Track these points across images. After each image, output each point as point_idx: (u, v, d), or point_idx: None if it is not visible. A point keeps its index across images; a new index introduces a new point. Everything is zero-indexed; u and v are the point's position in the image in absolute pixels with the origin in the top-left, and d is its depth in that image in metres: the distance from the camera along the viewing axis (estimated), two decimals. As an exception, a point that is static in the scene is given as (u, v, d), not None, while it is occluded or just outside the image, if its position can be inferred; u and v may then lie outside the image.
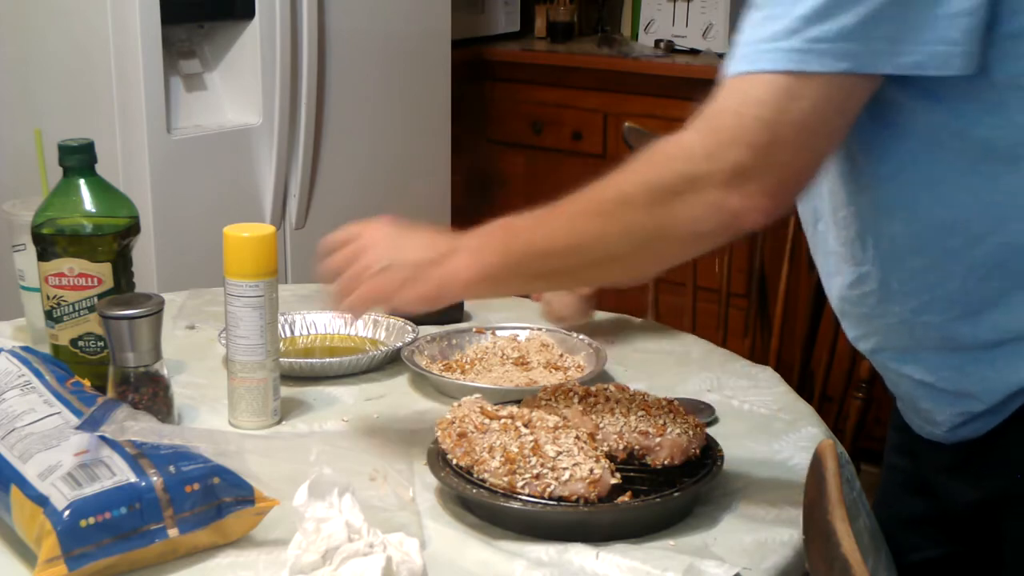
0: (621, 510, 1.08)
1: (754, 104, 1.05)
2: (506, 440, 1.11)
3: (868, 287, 1.20)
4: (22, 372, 1.20)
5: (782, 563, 1.07)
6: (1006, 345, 1.14)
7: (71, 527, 0.99)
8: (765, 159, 1.05)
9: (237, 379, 1.33)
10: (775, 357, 1.86)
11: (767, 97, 1.04)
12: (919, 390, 1.24)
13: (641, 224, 1.09)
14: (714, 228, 1.08)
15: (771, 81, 1.04)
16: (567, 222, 1.13)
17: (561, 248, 1.13)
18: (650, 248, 1.11)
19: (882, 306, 1.20)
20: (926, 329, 1.18)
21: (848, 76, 1.04)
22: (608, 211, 1.11)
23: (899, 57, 1.02)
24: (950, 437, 1.23)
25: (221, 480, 1.05)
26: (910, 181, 1.11)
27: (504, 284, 1.19)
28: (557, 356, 1.51)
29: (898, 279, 1.17)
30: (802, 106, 1.04)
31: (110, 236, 1.36)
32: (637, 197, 1.09)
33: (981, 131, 1.07)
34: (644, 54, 3.33)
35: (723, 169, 1.05)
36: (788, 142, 1.05)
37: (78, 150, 1.36)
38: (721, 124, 1.07)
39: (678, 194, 1.07)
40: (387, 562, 0.96)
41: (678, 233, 1.09)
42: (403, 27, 2.91)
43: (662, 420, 1.16)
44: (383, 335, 1.60)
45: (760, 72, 1.05)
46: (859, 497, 1.20)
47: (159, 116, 2.42)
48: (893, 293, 1.18)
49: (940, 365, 1.19)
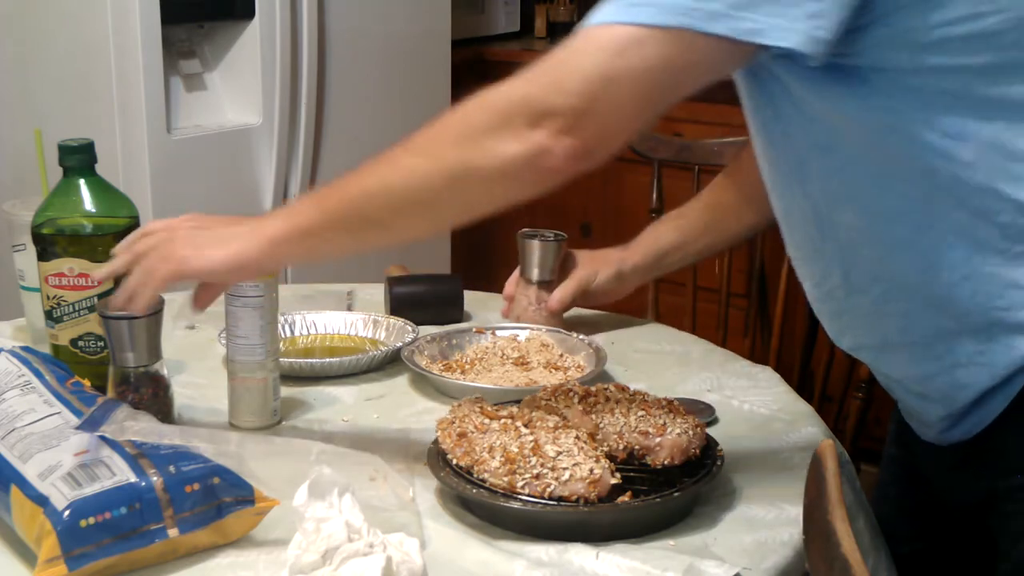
0: (621, 510, 1.08)
1: (593, 51, 1.05)
2: (506, 440, 1.11)
3: (832, 283, 1.21)
4: (22, 372, 1.20)
5: (782, 563, 1.07)
6: (964, 337, 1.13)
7: (71, 527, 0.99)
8: (590, 103, 1.05)
9: (237, 379, 1.33)
10: (775, 357, 1.86)
11: (607, 45, 1.04)
12: (903, 391, 1.25)
13: (449, 159, 1.09)
14: (520, 167, 1.07)
15: (613, 32, 1.04)
16: (381, 165, 1.13)
17: (371, 190, 1.12)
18: (456, 187, 1.10)
19: (849, 299, 1.20)
20: (891, 322, 1.18)
21: (686, 33, 1.02)
22: (419, 148, 1.11)
23: (737, 22, 1.02)
24: (942, 439, 1.23)
25: (221, 480, 1.05)
26: (855, 173, 1.12)
27: (317, 238, 1.16)
28: (557, 356, 1.51)
29: (857, 270, 1.17)
30: (642, 56, 1.03)
31: (110, 236, 1.36)
32: (449, 132, 1.10)
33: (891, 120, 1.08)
34: (644, 54, 3.33)
35: (541, 109, 1.05)
36: (617, 92, 1.05)
37: (78, 150, 1.36)
38: (552, 67, 1.07)
39: (490, 129, 1.07)
40: (387, 562, 0.96)
41: (483, 169, 1.08)
42: (403, 27, 2.91)
43: (662, 420, 1.16)
44: (383, 335, 1.60)
45: (603, 24, 1.05)
46: (859, 497, 1.20)
47: (159, 116, 2.42)
48: (855, 285, 1.19)
49: (910, 365, 1.20)
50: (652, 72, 1.05)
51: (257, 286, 1.30)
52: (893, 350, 1.21)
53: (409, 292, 1.68)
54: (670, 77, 1.06)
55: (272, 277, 1.31)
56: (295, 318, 1.62)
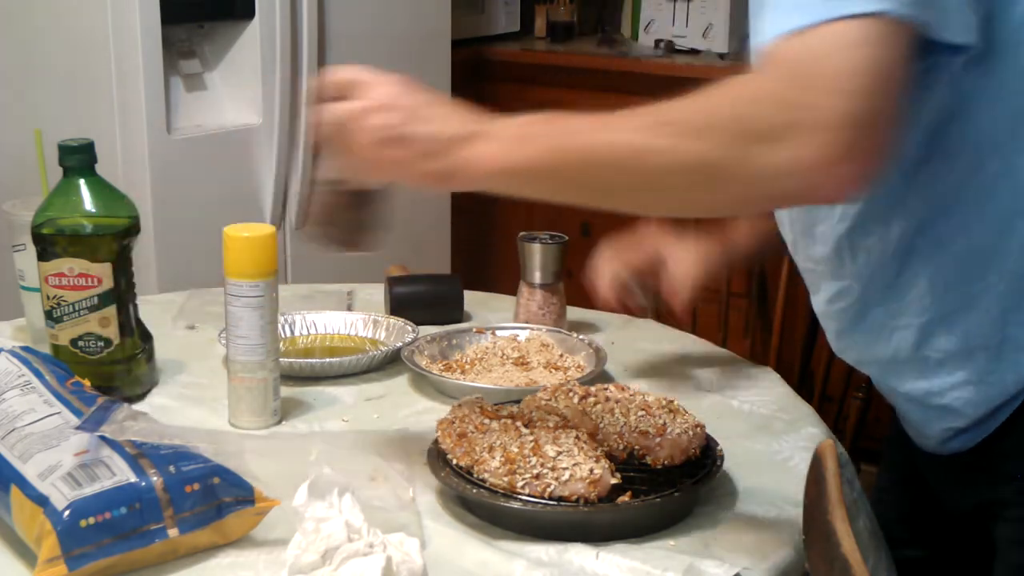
0: (621, 510, 1.08)
1: (848, 48, 0.92)
2: (506, 440, 1.11)
3: (849, 299, 1.20)
4: (22, 372, 1.20)
5: (782, 563, 1.07)
6: (977, 354, 1.13)
7: (71, 527, 0.99)
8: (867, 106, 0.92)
9: (237, 379, 1.33)
10: (775, 357, 1.86)
11: (861, 40, 0.92)
12: (906, 403, 1.25)
13: (715, 159, 0.95)
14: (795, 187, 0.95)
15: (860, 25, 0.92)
16: (632, 134, 0.98)
17: (618, 159, 0.99)
18: (714, 187, 0.98)
19: (864, 315, 1.20)
20: (903, 336, 1.17)
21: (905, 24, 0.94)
22: (683, 133, 0.96)
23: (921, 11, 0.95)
24: (942, 450, 1.23)
25: (221, 480, 1.05)
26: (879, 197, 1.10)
27: (532, 185, 1.04)
28: (557, 356, 1.51)
29: (876, 289, 1.17)
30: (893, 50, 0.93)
31: (110, 236, 1.36)
32: (719, 128, 0.95)
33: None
34: (644, 54, 3.33)
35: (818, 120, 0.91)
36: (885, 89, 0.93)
37: (78, 150, 1.36)
38: (811, 71, 0.93)
39: (764, 140, 0.93)
40: (387, 562, 0.96)
41: (752, 181, 0.95)
42: (403, 27, 2.91)
43: (662, 420, 1.16)
44: (383, 335, 1.60)
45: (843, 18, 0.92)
46: (859, 497, 1.20)
47: (159, 116, 2.42)
48: (870, 303, 1.18)
49: (919, 379, 1.19)
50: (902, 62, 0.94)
51: (257, 286, 1.30)
52: (904, 365, 1.20)
53: (409, 292, 1.68)
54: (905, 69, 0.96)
55: (272, 277, 1.31)
56: (295, 318, 1.62)
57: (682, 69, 3.16)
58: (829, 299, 1.23)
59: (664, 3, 3.39)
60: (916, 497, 1.37)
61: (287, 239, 2.73)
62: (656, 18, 3.42)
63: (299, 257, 2.75)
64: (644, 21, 3.47)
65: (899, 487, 1.42)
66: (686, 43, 3.34)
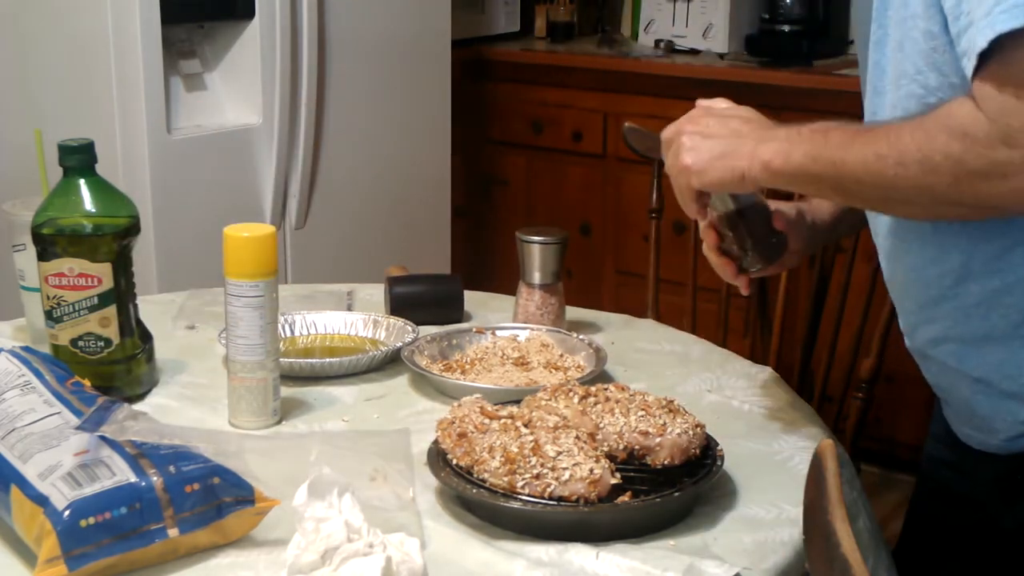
0: (621, 510, 1.08)
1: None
2: (506, 440, 1.11)
3: (943, 268, 1.19)
4: (22, 372, 1.20)
5: (782, 563, 1.07)
6: None
7: (71, 527, 0.99)
8: None
9: (237, 379, 1.33)
10: (775, 357, 1.86)
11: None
12: (977, 393, 1.21)
13: (943, 192, 1.07)
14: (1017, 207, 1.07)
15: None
16: (871, 158, 1.11)
17: (861, 177, 1.12)
18: (948, 209, 1.11)
19: (960, 286, 1.18)
20: (1004, 313, 1.15)
21: None
22: (909, 164, 1.08)
23: None
24: (1007, 447, 1.20)
25: (221, 480, 1.05)
26: None
27: (798, 183, 1.20)
28: (557, 356, 1.51)
29: (982, 259, 1.16)
30: None
31: (110, 236, 1.36)
32: (940, 168, 1.06)
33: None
34: (644, 54, 3.33)
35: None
36: None
37: (78, 150, 1.36)
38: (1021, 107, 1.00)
39: (984, 177, 1.03)
40: (387, 562, 0.97)
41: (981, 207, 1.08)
42: (403, 27, 2.91)
43: (662, 420, 1.16)
44: (383, 335, 1.60)
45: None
46: (859, 497, 1.20)
47: (159, 116, 2.42)
48: (974, 272, 1.17)
49: (1007, 360, 1.17)
50: None
51: (257, 286, 1.30)
52: (994, 344, 1.18)
53: (409, 292, 1.68)
54: None
55: (272, 277, 1.31)
56: (295, 318, 1.62)
57: (682, 69, 3.16)
58: (917, 268, 1.22)
59: (664, 3, 3.39)
60: (962, 513, 1.32)
61: (287, 239, 2.73)
62: (656, 18, 3.42)
63: (299, 257, 2.75)
64: (644, 21, 3.47)
65: (937, 500, 1.38)
66: (686, 43, 3.34)
